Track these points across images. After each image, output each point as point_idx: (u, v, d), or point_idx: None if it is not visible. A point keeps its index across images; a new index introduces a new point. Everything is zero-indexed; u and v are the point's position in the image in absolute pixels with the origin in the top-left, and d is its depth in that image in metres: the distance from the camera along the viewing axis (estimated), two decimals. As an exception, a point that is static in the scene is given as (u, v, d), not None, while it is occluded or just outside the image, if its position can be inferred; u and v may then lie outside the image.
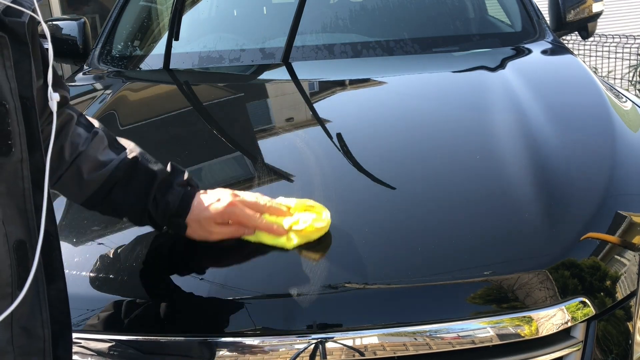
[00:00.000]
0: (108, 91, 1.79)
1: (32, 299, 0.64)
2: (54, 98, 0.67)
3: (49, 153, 0.65)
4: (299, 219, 1.02)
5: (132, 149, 1.01)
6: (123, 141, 1.03)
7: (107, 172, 0.97)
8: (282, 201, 1.07)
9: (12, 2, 0.62)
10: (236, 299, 0.97)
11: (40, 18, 0.66)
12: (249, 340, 0.93)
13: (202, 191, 1.03)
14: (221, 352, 0.93)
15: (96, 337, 0.95)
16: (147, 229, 1.09)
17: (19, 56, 0.62)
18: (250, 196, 1.04)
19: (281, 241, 1.01)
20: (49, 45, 0.66)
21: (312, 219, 1.02)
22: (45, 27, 0.66)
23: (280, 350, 0.92)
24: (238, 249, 1.07)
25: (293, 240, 1.00)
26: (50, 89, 0.66)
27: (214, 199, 1.00)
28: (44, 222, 0.63)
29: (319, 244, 1.04)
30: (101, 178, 0.97)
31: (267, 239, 1.01)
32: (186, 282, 1.01)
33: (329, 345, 0.91)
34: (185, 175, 1.03)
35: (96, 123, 1.03)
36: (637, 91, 5.17)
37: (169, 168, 1.02)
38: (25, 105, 0.63)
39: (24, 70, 0.63)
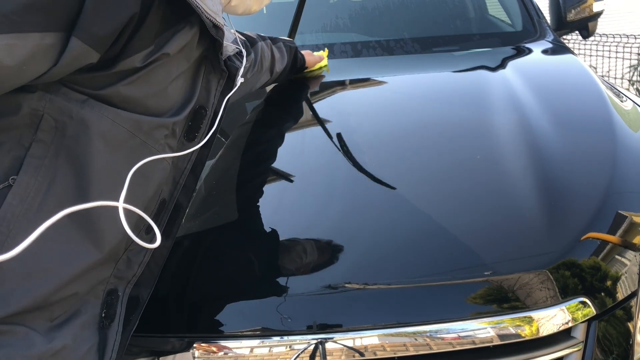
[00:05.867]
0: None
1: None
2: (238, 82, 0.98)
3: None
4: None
5: (280, 41, 1.58)
6: (272, 38, 1.55)
7: (286, 60, 1.57)
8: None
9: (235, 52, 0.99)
10: (236, 299, 0.97)
11: (241, 68, 0.98)
12: (249, 340, 0.93)
13: None
14: (221, 352, 0.93)
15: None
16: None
17: (227, 87, 0.94)
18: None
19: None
20: (241, 67, 0.99)
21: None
22: (241, 70, 0.98)
23: (280, 350, 0.92)
24: (238, 250, 1.07)
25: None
26: (239, 75, 0.98)
27: (305, 52, 1.75)
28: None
29: (319, 244, 1.04)
30: (285, 65, 1.56)
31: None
32: (186, 282, 1.01)
33: (329, 345, 0.91)
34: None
35: (258, 37, 1.48)
36: (637, 91, 5.16)
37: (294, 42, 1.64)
38: (214, 118, 0.92)
39: (225, 95, 0.93)
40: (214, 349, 0.94)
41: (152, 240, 0.85)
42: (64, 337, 0.74)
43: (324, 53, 1.86)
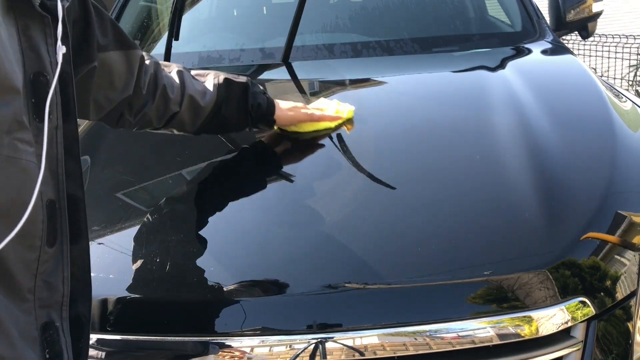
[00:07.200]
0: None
1: (56, 256, 0.69)
2: (59, 50, 0.70)
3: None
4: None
5: (216, 73, 1.26)
6: (201, 71, 1.27)
7: (214, 94, 1.21)
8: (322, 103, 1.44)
9: None
10: (236, 299, 0.97)
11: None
12: (249, 340, 0.93)
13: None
14: (221, 352, 0.93)
15: (96, 336, 0.95)
16: (146, 229, 1.09)
17: (60, 35, 0.68)
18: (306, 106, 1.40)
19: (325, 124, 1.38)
20: (59, 11, 0.69)
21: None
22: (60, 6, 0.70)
23: (280, 350, 0.92)
24: (238, 249, 1.07)
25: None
26: (59, 42, 0.69)
27: (289, 104, 1.35)
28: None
29: (320, 244, 1.04)
30: (212, 101, 1.21)
31: (320, 125, 1.38)
32: (186, 282, 1.01)
33: (329, 345, 0.91)
34: (260, 86, 1.32)
35: (173, 64, 1.22)
36: (637, 91, 5.16)
37: (248, 80, 1.28)
38: (64, 79, 0.69)
39: (63, 48, 0.69)
40: (214, 348, 0.94)
41: (61, 249, 0.70)
42: None
43: (342, 112, 1.41)
